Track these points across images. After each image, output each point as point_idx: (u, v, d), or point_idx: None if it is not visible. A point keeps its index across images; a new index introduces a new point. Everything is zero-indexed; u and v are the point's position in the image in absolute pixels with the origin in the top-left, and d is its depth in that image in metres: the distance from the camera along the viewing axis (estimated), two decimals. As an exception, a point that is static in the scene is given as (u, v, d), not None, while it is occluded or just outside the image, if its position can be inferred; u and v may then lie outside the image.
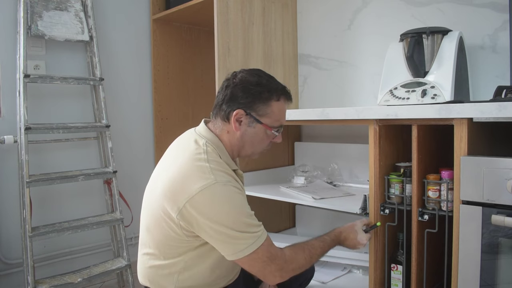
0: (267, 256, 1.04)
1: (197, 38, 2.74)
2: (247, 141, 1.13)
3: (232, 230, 0.99)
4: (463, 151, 1.10)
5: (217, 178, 1.01)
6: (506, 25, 1.49)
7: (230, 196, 1.02)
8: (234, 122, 1.10)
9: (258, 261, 1.03)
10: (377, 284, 1.36)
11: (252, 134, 1.12)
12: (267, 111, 1.11)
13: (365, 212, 1.39)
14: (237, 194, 1.04)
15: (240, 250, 1.01)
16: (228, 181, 1.03)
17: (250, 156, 1.20)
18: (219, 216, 0.99)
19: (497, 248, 1.04)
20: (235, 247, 1.01)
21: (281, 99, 1.13)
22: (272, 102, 1.11)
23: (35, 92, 2.07)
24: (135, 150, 2.49)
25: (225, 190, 1.01)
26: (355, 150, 1.93)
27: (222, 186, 1.00)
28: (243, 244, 1.01)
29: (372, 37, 1.92)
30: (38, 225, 1.93)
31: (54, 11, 2.04)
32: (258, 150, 1.18)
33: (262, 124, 1.11)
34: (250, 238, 1.02)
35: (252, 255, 1.02)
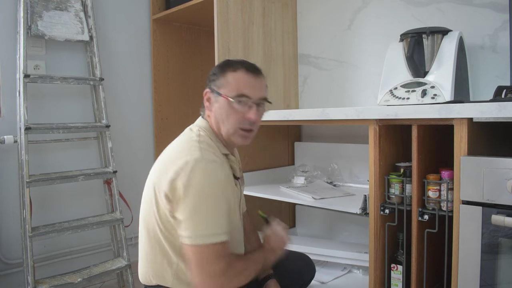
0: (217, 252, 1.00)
1: (197, 38, 2.74)
2: (219, 118, 1.14)
3: (199, 207, 1.00)
4: (463, 151, 1.10)
5: (204, 155, 1.03)
6: (506, 25, 1.49)
7: (211, 174, 1.02)
8: (205, 102, 1.17)
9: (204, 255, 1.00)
10: (377, 284, 1.35)
11: (219, 108, 1.13)
12: (223, 82, 1.13)
13: (365, 212, 1.39)
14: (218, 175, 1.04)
15: (198, 236, 0.99)
16: (214, 160, 1.05)
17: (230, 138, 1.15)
18: (194, 189, 0.99)
19: (497, 248, 1.04)
20: (195, 228, 1.00)
21: (239, 70, 1.13)
22: (228, 73, 1.13)
23: (35, 92, 2.07)
24: (135, 150, 2.49)
25: (209, 167, 1.02)
26: (355, 150, 1.93)
27: (207, 163, 1.02)
28: (203, 230, 0.99)
29: (372, 37, 1.92)
30: (38, 225, 1.93)
31: (54, 11, 2.04)
32: (231, 130, 1.13)
33: (221, 95, 1.12)
34: (207, 229, 1.00)
35: (200, 248, 0.99)
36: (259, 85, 1.15)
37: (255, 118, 1.12)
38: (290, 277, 1.37)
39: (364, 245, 1.75)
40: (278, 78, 2.16)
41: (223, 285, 1.02)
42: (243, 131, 1.13)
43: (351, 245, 1.80)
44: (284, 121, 1.60)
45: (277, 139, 2.18)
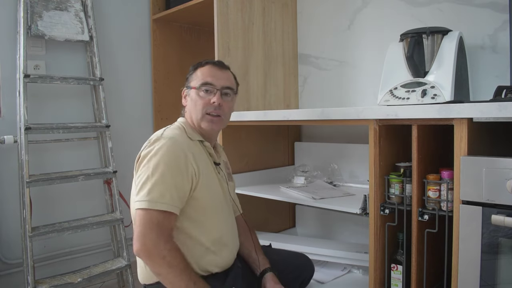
0: (156, 220, 1.06)
1: (197, 38, 2.74)
2: (191, 109, 1.27)
3: (151, 175, 1.09)
4: (463, 151, 1.10)
5: (164, 133, 1.17)
6: (506, 25, 1.49)
7: (166, 147, 1.12)
8: (182, 99, 1.32)
9: (144, 219, 1.06)
10: (377, 284, 1.35)
11: (190, 100, 1.28)
12: (194, 77, 1.28)
13: (365, 212, 1.39)
14: (174, 149, 1.13)
15: (142, 201, 1.07)
16: (172, 137, 1.16)
17: (201, 124, 1.25)
18: (149, 159, 1.12)
19: (497, 248, 1.04)
20: (145, 193, 1.08)
21: (206, 65, 1.29)
22: (198, 69, 1.29)
23: (35, 92, 2.07)
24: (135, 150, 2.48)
25: (165, 143, 1.13)
26: (355, 150, 1.93)
27: (164, 139, 1.14)
28: (150, 195, 1.07)
29: (372, 37, 1.92)
30: (38, 225, 1.93)
31: (54, 11, 2.04)
32: (199, 115, 1.24)
33: (192, 87, 1.27)
34: (157, 194, 1.07)
35: (149, 211, 1.06)
36: (223, 76, 1.28)
37: (218, 101, 1.23)
38: (289, 275, 1.38)
39: (364, 245, 1.74)
40: (278, 78, 2.16)
41: (149, 249, 1.04)
42: (210, 116, 1.24)
43: (351, 245, 1.80)
44: (284, 121, 1.60)
45: (277, 139, 2.18)
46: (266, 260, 1.34)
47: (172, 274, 1.06)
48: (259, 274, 1.31)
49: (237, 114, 1.73)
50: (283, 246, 1.73)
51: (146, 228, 1.05)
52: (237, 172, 1.90)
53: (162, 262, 1.05)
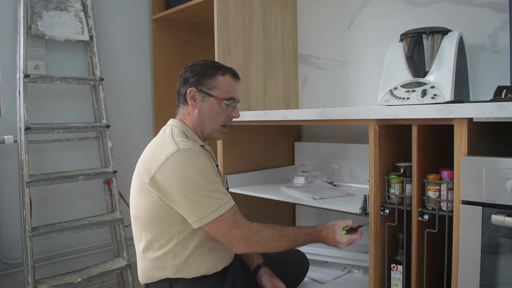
0: (232, 220, 1.10)
1: (197, 38, 2.74)
2: (205, 117, 1.24)
3: (194, 194, 1.08)
4: (463, 151, 1.10)
5: (179, 145, 1.11)
6: (506, 25, 1.49)
7: (191, 161, 1.10)
8: (190, 100, 1.23)
9: (223, 224, 1.09)
10: (377, 284, 1.35)
11: (208, 108, 1.23)
12: (215, 84, 1.23)
13: (365, 212, 1.39)
14: (199, 159, 1.12)
15: (204, 216, 1.07)
16: (190, 148, 1.12)
17: (212, 135, 1.27)
18: (182, 180, 1.08)
19: (497, 248, 1.04)
20: (199, 212, 1.07)
21: (227, 74, 1.26)
22: (218, 76, 1.24)
23: (35, 92, 2.07)
24: (135, 150, 2.48)
25: (187, 156, 1.10)
26: (355, 150, 1.93)
27: (184, 152, 1.10)
28: (206, 210, 1.07)
29: (372, 37, 1.92)
30: (38, 225, 1.93)
31: (54, 11, 2.05)
32: (217, 126, 1.25)
33: (213, 96, 1.22)
34: (213, 204, 1.08)
35: (217, 220, 1.08)
36: (238, 89, 1.31)
37: (239, 116, 1.29)
38: (286, 269, 1.42)
39: (364, 245, 1.74)
40: (278, 78, 2.16)
41: (247, 246, 1.12)
42: (224, 128, 1.28)
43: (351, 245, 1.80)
44: (284, 121, 1.60)
45: (277, 139, 2.18)
46: (260, 255, 1.37)
47: (275, 244, 1.15)
48: (253, 269, 1.32)
49: (237, 114, 1.73)
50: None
51: (227, 231, 1.10)
52: (237, 172, 1.90)
53: (261, 245, 1.14)
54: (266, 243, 1.15)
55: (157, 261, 1.16)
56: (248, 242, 1.12)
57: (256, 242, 1.13)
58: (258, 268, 1.33)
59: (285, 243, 1.18)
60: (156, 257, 1.16)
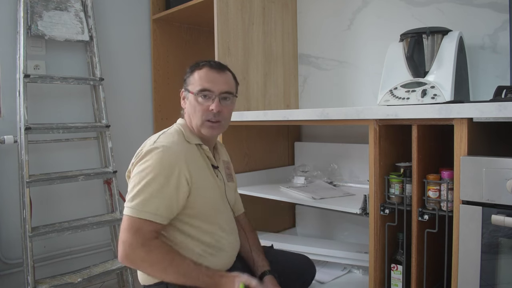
0: (138, 225, 1.06)
1: (197, 38, 2.74)
2: (189, 114, 1.25)
3: (136, 186, 1.09)
4: (463, 151, 1.10)
5: (157, 143, 1.15)
6: (506, 25, 1.49)
7: (154, 157, 1.11)
8: (181, 101, 1.30)
9: (127, 225, 1.07)
10: (377, 284, 1.35)
11: (189, 105, 1.25)
12: (192, 80, 1.25)
13: (365, 212, 1.39)
14: (165, 158, 1.12)
15: (127, 207, 1.08)
16: (163, 146, 1.14)
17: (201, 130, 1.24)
18: (138, 171, 1.11)
19: (497, 248, 1.04)
20: (127, 202, 1.09)
21: (204, 67, 1.25)
22: (195, 71, 1.25)
23: (35, 92, 2.07)
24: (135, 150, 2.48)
25: (155, 152, 1.12)
26: (355, 150, 1.93)
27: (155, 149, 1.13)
28: (131, 203, 1.08)
29: (372, 37, 1.92)
30: (38, 225, 1.93)
31: (54, 11, 2.04)
32: (198, 121, 1.23)
33: (190, 92, 1.24)
34: (136, 201, 1.07)
35: (127, 219, 1.07)
36: (222, 80, 1.24)
37: (216, 109, 1.20)
38: (291, 276, 1.37)
39: (364, 245, 1.74)
40: (278, 78, 2.16)
41: (128, 258, 1.06)
42: (209, 122, 1.22)
43: (351, 245, 1.80)
44: (284, 121, 1.60)
45: (277, 139, 2.18)
46: (266, 262, 1.32)
47: (159, 272, 1.08)
48: (258, 276, 1.30)
49: (237, 114, 1.73)
50: (283, 246, 1.73)
51: (125, 234, 1.07)
52: (237, 172, 1.90)
53: (143, 264, 1.08)
54: (151, 266, 1.07)
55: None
56: (132, 255, 1.06)
57: (139, 261, 1.06)
58: (263, 275, 1.30)
59: (172, 275, 1.08)
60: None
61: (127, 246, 1.05)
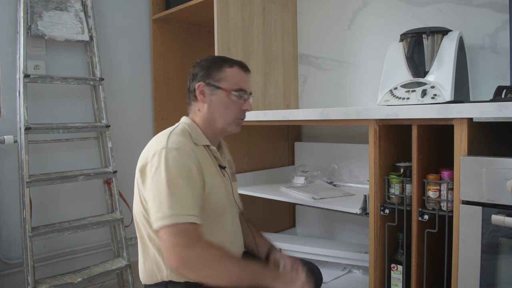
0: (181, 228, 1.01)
1: (197, 38, 2.74)
2: (215, 111, 1.20)
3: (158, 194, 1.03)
4: (463, 151, 1.10)
5: (168, 143, 1.09)
6: (506, 25, 1.49)
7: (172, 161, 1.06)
8: (199, 95, 1.21)
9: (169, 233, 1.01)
10: (377, 284, 1.35)
11: (217, 101, 1.20)
12: (222, 75, 1.20)
13: (365, 212, 1.39)
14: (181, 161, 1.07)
15: (164, 217, 1.01)
16: (178, 148, 1.09)
17: (227, 129, 1.23)
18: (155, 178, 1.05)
19: (497, 248, 1.04)
20: (161, 213, 1.02)
21: (234, 66, 1.22)
22: (225, 68, 1.21)
23: (35, 92, 2.07)
24: (135, 150, 2.48)
25: (169, 155, 1.07)
26: (355, 150, 1.93)
27: (169, 151, 1.07)
28: (166, 212, 1.01)
29: (372, 37, 1.92)
30: (38, 225, 1.93)
31: (54, 11, 2.04)
32: (230, 119, 1.22)
33: (222, 88, 1.19)
34: (170, 209, 1.01)
35: (174, 226, 1.01)
36: (249, 80, 1.26)
37: (251, 108, 1.24)
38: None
39: (364, 245, 1.75)
40: (278, 78, 2.16)
41: (185, 259, 1.00)
42: (239, 120, 1.24)
43: (351, 245, 1.80)
44: (284, 121, 1.60)
45: (277, 139, 2.18)
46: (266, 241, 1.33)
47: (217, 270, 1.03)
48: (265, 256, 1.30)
49: (237, 114, 1.73)
50: (283, 246, 1.73)
51: (173, 239, 1.01)
52: (237, 172, 1.89)
53: (200, 263, 1.01)
54: (208, 261, 1.02)
55: (151, 262, 1.15)
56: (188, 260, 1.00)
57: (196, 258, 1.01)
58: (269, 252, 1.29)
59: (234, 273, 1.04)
60: (151, 257, 1.15)
61: (180, 248, 1.00)
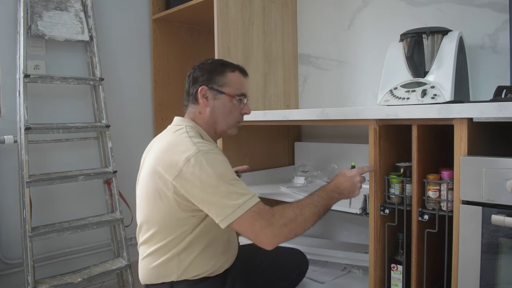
0: (255, 211, 1.05)
1: (197, 38, 2.74)
2: (218, 115, 1.23)
3: (218, 193, 1.04)
4: (463, 151, 1.10)
5: (199, 147, 1.09)
6: (506, 25, 1.49)
7: (213, 162, 1.07)
8: (201, 99, 1.23)
9: (247, 219, 1.04)
10: (377, 284, 1.35)
11: (220, 106, 1.23)
12: (225, 80, 1.23)
13: (365, 212, 1.39)
14: (220, 159, 1.10)
15: (230, 213, 1.03)
16: (210, 149, 1.10)
17: (227, 131, 1.27)
18: (205, 181, 1.05)
19: (497, 248, 1.04)
20: (224, 211, 1.03)
21: (236, 71, 1.27)
22: (228, 73, 1.24)
23: (35, 92, 2.07)
24: (135, 150, 2.48)
25: (208, 157, 1.07)
26: (355, 150, 1.93)
27: (204, 154, 1.07)
28: (231, 208, 1.03)
29: (372, 37, 1.92)
30: (38, 225, 1.93)
31: (54, 11, 2.05)
32: (231, 122, 1.26)
33: (225, 93, 1.23)
34: (238, 201, 1.04)
35: (243, 216, 1.04)
36: (248, 85, 1.32)
37: (250, 112, 1.29)
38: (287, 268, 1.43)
39: (364, 245, 1.75)
40: (278, 78, 2.16)
41: (274, 234, 1.06)
42: (239, 123, 1.30)
43: (351, 245, 1.80)
44: (284, 121, 1.60)
45: (277, 139, 2.18)
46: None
47: (305, 220, 1.11)
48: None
49: (237, 114, 1.73)
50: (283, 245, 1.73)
51: (253, 224, 1.05)
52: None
53: (288, 225, 1.08)
54: (292, 222, 1.09)
55: (162, 265, 1.15)
56: (275, 229, 1.06)
57: (283, 226, 1.07)
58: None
59: (309, 214, 1.13)
60: (162, 261, 1.15)
61: (265, 228, 1.05)
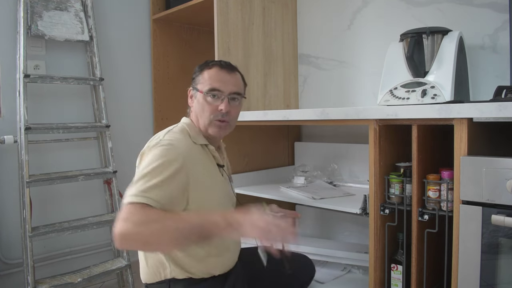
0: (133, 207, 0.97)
1: (197, 38, 2.74)
2: (198, 111, 1.24)
3: (137, 175, 1.06)
4: (463, 151, 1.10)
5: (162, 139, 1.14)
6: (506, 25, 1.49)
7: (159, 153, 1.09)
8: (189, 99, 1.29)
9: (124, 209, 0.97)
10: (377, 284, 1.35)
11: (196, 103, 1.25)
12: (201, 79, 1.24)
13: (365, 212, 1.39)
14: (168, 153, 1.09)
15: (130, 194, 0.99)
16: (168, 144, 1.12)
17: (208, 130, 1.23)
18: (142, 164, 1.09)
19: (497, 248, 1.04)
20: (131, 189, 1.01)
21: (214, 67, 1.24)
22: (205, 71, 1.25)
23: (35, 92, 2.07)
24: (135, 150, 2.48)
25: (161, 149, 1.10)
26: (355, 150, 1.93)
27: (161, 145, 1.11)
28: (132, 192, 0.99)
29: (372, 37, 1.92)
30: (38, 225, 1.93)
31: (54, 11, 2.04)
32: (206, 120, 1.22)
33: (198, 90, 1.24)
34: (135, 190, 0.99)
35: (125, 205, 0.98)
36: (231, 80, 1.24)
37: (225, 109, 1.20)
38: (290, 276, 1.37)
39: (364, 245, 1.75)
40: (278, 78, 2.16)
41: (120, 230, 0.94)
42: (218, 122, 1.23)
43: (351, 245, 1.80)
44: (284, 121, 1.60)
45: (277, 139, 2.18)
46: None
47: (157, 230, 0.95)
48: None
49: (237, 114, 1.73)
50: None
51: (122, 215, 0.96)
52: (237, 172, 1.90)
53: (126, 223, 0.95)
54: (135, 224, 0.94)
55: (154, 259, 1.16)
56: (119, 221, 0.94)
57: (123, 220, 0.94)
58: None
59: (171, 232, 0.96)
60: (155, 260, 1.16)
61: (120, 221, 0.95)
